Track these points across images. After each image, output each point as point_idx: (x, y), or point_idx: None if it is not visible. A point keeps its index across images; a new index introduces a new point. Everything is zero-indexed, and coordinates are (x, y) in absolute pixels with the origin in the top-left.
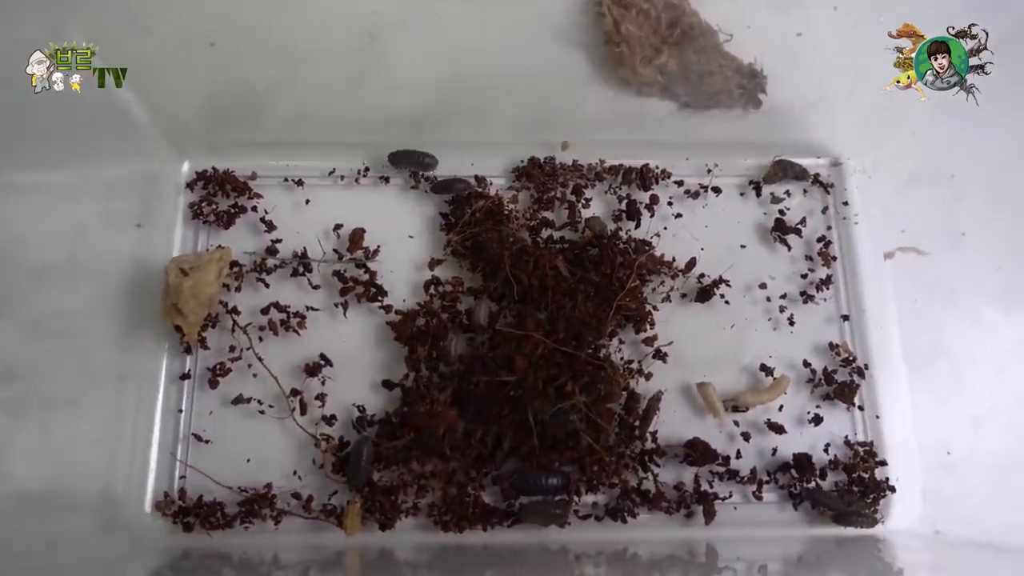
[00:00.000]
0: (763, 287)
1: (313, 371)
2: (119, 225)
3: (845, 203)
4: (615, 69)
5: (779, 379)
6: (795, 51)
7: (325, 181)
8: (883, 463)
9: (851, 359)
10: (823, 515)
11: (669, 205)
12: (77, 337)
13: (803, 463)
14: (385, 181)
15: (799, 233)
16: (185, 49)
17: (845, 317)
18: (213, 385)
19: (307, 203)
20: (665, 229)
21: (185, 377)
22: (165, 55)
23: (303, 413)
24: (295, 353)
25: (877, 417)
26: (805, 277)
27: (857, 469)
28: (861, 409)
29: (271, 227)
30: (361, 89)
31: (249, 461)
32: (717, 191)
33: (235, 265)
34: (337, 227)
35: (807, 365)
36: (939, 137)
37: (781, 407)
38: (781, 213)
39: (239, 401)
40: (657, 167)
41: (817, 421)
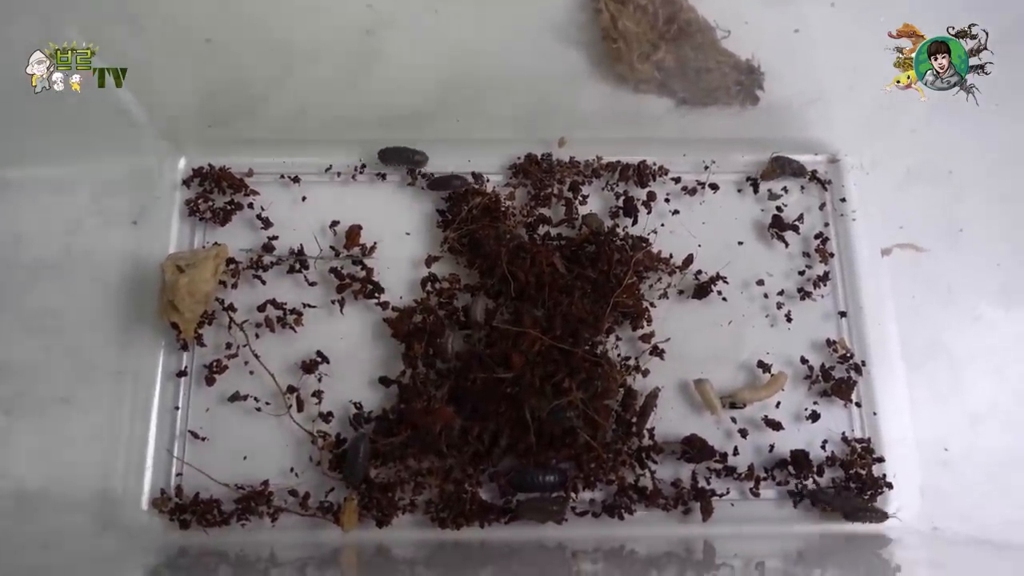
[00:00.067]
0: (760, 284)
1: (310, 368)
2: (115, 222)
3: (843, 199)
4: (612, 65)
5: (776, 376)
6: (793, 48)
7: (322, 178)
8: (880, 460)
9: (848, 356)
10: (826, 513)
11: (666, 202)
12: (73, 334)
13: (800, 460)
14: (382, 178)
15: (797, 230)
16: (181, 46)
17: (843, 314)
18: (210, 382)
19: (303, 200)
20: (662, 226)
21: (181, 374)
22: (161, 52)
23: (300, 410)
24: (292, 350)
25: (875, 414)
26: (803, 274)
27: (855, 466)
28: (859, 406)
29: (268, 224)
30: (357, 86)
31: (246, 458)
32: (714, 188)
33: (231, 262)
34: (334, 224)
35: (804, 362)
36: (937, 134)
37: (778, 404)
38: (779, 210)
39: (236, 398)
40: (654, 163)
41: (814, 418)
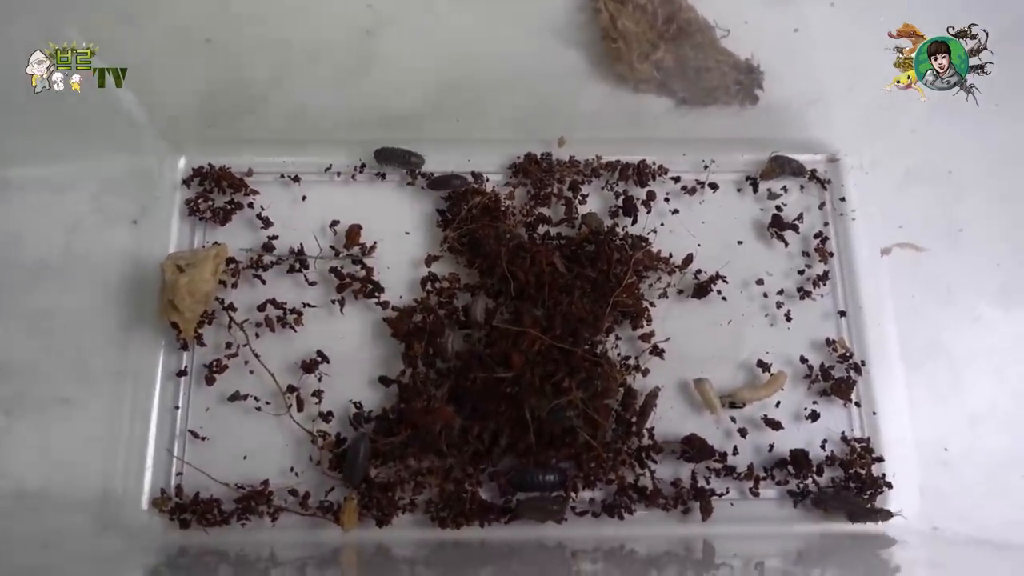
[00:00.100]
0: (760, 283)
1: (310, 368)
2: (115, 222)
3: (842, 199)
4: (612, 65)
5: (776, 375)
6: (792, 47)
7: (321, 177)
8: (880, 459)
9: (848, 355)
10: (830, 515)
11: (666, 201)
12: (73, 334)
13: (800, 459)
14: (381, 177)
15: (796, 229)
16: (181, 46)
17: (842, 313)
18: (210, 382)
19: (303, 199)
20: (662, 225)
21: (182, 374)
22: (161, 52)
23: (300, 410)
24: (292, 350)
25: (874, 413)
26: (802, 273)
27: (854, 465)
28: (858, 405)
29: (267, 223)
30: (358, 86)
31: (246, 458)
32: (714, 187)
33: (231, 262)
34: (334, 223)
35: (804, 361)
36: (937, 134)
37: (778, 403)
38: (778, 209)
39: (236, 398)
40: (654, 163)
41: (814, 417)
